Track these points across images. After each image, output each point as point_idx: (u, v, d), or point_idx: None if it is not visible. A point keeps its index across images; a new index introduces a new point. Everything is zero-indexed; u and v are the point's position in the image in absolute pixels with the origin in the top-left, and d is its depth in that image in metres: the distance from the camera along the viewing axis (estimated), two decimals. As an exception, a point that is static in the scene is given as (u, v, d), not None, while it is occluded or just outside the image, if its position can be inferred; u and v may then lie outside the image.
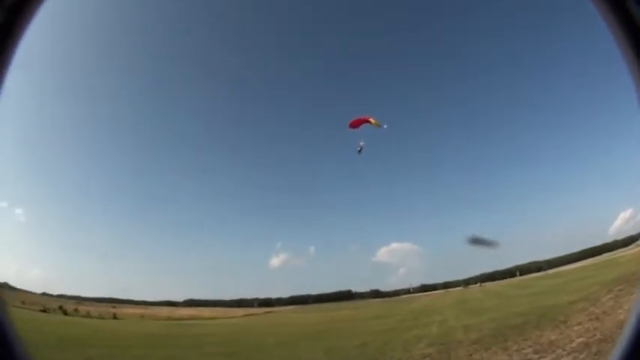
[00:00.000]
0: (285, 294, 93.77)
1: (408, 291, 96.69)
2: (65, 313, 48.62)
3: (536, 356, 15.21)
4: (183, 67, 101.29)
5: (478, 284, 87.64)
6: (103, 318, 51.02)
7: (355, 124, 38.82)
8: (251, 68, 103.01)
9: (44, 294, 56.59)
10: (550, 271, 74.76)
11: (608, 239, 73.04)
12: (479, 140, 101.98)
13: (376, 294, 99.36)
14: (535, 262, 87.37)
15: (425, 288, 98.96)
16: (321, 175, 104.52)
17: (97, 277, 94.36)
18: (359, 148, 39.89)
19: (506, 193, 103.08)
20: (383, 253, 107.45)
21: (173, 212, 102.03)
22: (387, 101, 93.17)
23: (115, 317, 53.19)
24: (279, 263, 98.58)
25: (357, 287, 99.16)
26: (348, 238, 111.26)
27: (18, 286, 55.84)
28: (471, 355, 17.36)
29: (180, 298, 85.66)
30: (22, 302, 46.74)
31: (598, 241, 74.59)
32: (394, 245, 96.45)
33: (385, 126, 40.85)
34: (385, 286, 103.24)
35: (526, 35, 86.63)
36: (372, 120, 38.80)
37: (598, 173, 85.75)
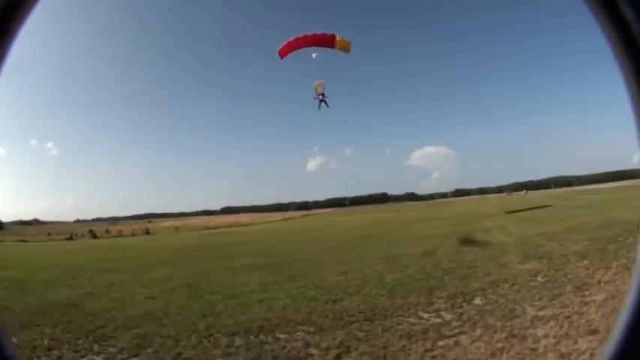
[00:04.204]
0: (321, 197, 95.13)
1: (443, 195, 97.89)
2: (94, 236, 46.69)
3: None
4: None
5: (524, 191, 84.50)
6: (135, 235, 49.02)
7: (290, 48, 21.35)
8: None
9: (77, 221, 55.75)
10: (578, 188, 76.52)
11: (632, 166, 71.27)
12: (520, 53, 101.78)
13: (412, 197, 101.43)
14: (565, 177, 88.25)
15: (459, 193, 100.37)
16: (358, 75, 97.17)
17: (134, 197, 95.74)
18: (319, 99, 23.05)
19: (540, 105, 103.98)
20: (417, 157, 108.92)
21: (206, 121, 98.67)
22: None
23: (147, 232, 51.18)
24: (316, 166, 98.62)
25: (392, 190, 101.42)
26: (383, 140, 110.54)
27: (50, 219, 55.27)
28: (593, 273, 13.35)
29: (217, 207, 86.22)
30: (49, 234, 45.39)
31: (622, 167, 74.28)
32: (428, 149, 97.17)
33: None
34: (419, 190, 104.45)
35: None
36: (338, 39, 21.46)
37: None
